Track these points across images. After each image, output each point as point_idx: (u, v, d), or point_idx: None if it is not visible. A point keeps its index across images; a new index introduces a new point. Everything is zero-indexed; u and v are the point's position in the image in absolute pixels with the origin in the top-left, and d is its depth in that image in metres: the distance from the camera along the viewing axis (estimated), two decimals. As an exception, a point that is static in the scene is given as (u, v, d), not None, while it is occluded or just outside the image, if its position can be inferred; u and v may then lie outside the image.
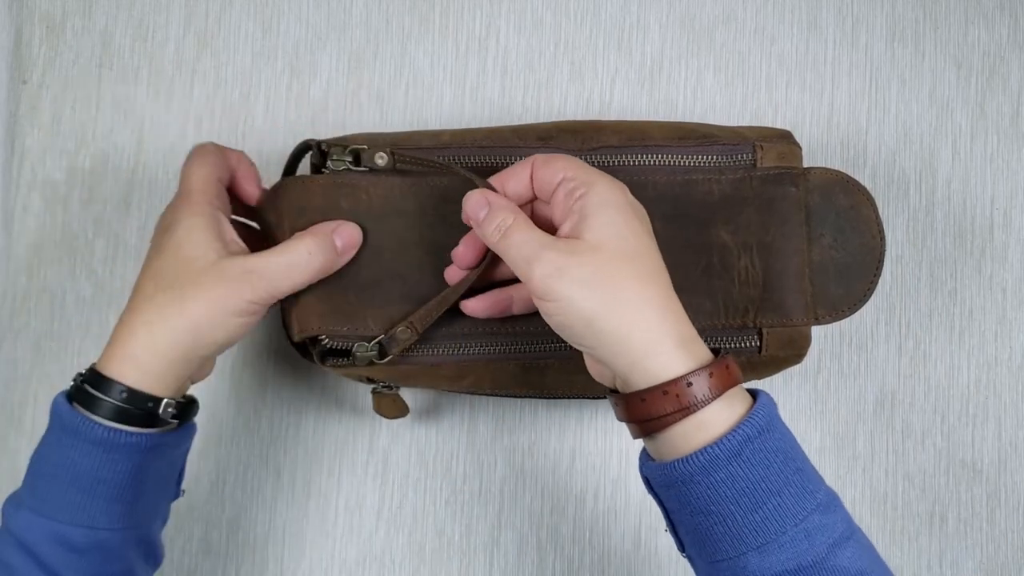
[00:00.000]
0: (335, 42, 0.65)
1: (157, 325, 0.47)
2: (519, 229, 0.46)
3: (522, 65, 0.65)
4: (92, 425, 0.46)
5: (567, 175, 0.46)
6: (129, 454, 0.46)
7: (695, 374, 0.43)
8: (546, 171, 0.47)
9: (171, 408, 0.48)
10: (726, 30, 0.66)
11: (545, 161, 0.48)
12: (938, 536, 0.64)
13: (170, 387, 0.48)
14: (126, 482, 0.46)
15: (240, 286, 0.47)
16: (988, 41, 0.66)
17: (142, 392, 0.46)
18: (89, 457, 0.46)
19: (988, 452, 0.65)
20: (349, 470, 0.64)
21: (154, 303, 0.47)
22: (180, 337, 0.47)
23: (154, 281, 0.48)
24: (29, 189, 0.64)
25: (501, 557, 0.63)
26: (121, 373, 0.46)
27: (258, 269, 0.48)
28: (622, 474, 0.64)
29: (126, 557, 0.48)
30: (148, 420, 0.47)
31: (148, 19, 0.65)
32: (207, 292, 0.47)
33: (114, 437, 0.46)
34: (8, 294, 0.64)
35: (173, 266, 0.47)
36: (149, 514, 0.49)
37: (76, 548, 0.46)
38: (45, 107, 0.64)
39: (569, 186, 0.46)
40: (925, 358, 0.65)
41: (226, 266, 0.48)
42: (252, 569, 0.63)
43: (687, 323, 0.45)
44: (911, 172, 0.65)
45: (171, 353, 0.47)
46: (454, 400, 0.64)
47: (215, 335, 0.48)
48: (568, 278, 0.43)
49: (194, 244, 0.48)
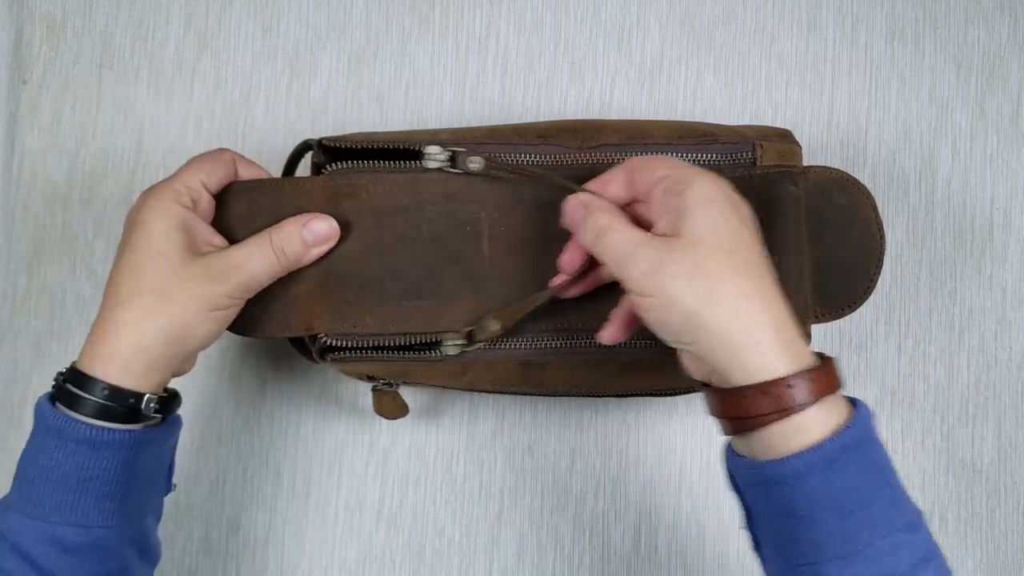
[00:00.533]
0: (335, 42, 0.65)
1: (143, 323, 0.47)
2: (615, 229, 0.46)
3: (522, 65, 0.65)
4: (76, 424, 0.46)
5: (666, 173, 0.46)
6: (115, 451, 0.47)
7: (797, 377, 0.42)
8: (644, 171, 0.47)
9: (154, 403, 0.48)
10: (726, 30, 0.66)
11: (643, 162, 0.48)
12: (938, 536, 0.64)
13: (152, 383, 0.48)
14: (115, 479, 0.47)
15: (221, 282, 0.48)
16: (988, 41, 0.66)
17: (124, 389, 0.47)
18: (75, 456, 0.46)
19: (988, 452, 0.65)
20: (349, 469, 0.64)
21: (138, 301, 0.47)
22: (166, 335, 0.47)
23: (134, 279, 0.48)
24: (29, 189, 0.64)
25: (501, 557, 0.63)
26: (104, 371, 0.47)
27: (238, 264, 0.49)
28: (622, 474, 0.64)
29: (121, 555, 0.48)
30: (131, 416, 0.47)
31: (148, 19, 0.65)
32: (192, 290, 0.48)
33: (99, 435, 0.46)
34: (8, 294, 0.64)
35: (153, 264, 0.48)
36: (141, 510, 0.49)
37: (70, 548, 0.46)
38: (45, 107, 0.64)
39: (668, 183, 0.46)
40: (925, 358, 0.65)
41: (208, 263, 0.48)
42: (252, 568, 0.63)
43: (789, 320, 0.44)
44: (911, 172, 0.65)
45: (156, 350, 0.47)
46: (454, 400, 0.64)
47: (199, 331, 0.48)
48: (666, 274, 0.43)
49: (172, 242, 0.48)
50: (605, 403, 0.64)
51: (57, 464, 0.46)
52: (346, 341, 0.52)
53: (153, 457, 0.50)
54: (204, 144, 0.64)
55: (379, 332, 0.53)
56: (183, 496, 0.63)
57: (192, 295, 0.48)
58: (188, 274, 0.48)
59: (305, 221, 0.51)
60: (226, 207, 0.53)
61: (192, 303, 0.48)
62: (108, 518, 0.47)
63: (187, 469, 0.63)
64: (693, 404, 0.64)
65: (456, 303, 0.53)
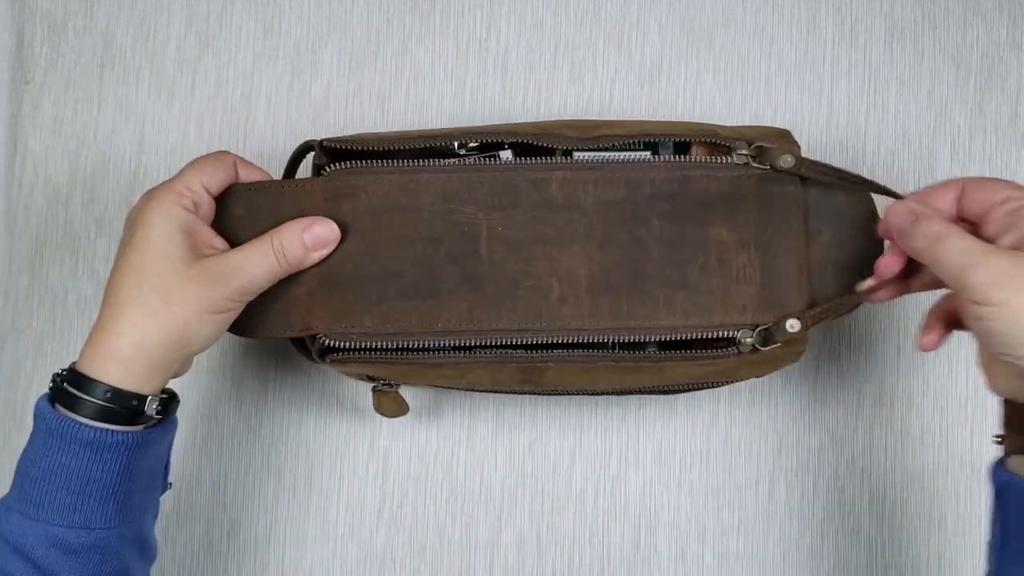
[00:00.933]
0: (336, 42, 0.65)
1: (145, 324, 0.47)
2: (956, 236, 0.46)
3: (522, 66, 0.65)
4: (79, 426, 0.46)
5: (1012, 194, 0.47)
6: (118, 453, 0.47)
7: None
8: (983, 190, 0.48)
9: (156, 405, 0.48)
10: (725, 31, 0.66)
11: (980, 181, 0.48)
12: (938, 536, 0.64)
13: (154, 385, 0.48)
14: (117, 480, 0.47)
15: (222, 285, 0.48)
16: (986, 41, 0.66)
17: (127, 391, 0.47)
18: (78, 458, 0.46)
19: (988, 452, 0.64)
20: (350, 470, 0.64)
21: (140, 301, 0.47)
22: (168, 337, 0.47)
23: (136, 279, 0.48)
24: (31, 189, 0.64)
25: (501, 556, 0.63)
26: (105, 373, 0.47)
27: (238, 267, 0.49)
28: (622, 474, 0.64)
29: (122, 555, 0.48)
30: (132, 418, 0.47)
31: (149, 19, 0.65)
32: (193, 292, 0.48)
33: (102, 437, 0.46)
34: (10, 294, 0.64)
35: (156, 265, 0.48)
36: (140, 509, 0.50)
37: (72, 550, 0.46)
38: (47, 108, 0.65)
39: (1014, 205, 0.46)
40: (925, 358, 0.65)
41: (208, 265, 0.49)
42: (253, 569, 0.63)
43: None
44: (910, 172, 0.65)
45: (158, 352, 0.47)
46: (454, 399, 0.64)
47: (199, 333, 0.49)
48: (1015, 286, 0.43)
49: (175, 243, 0.48)
50: (605, 403, 0.64)
51: (60, 466, 0.46)
52: (347, 342, 0.52)
53: (153, 457, 0.50)
54: (205, 144, 0.64)
55: (378, 332, 0.52)
56: (184, 496, 0.63)
57: (193, 297, 0.48)
58: (189, 276, 0.48)
59: (306, 225, 0.51)
60: (226, 209, 0.53)
61: (192, 305, 0.48)
62: (110, 519, 0.47)
63: (188, 469, 0.63)
64: (693, 404, 0.64)
65: (454, 303, 0.52)
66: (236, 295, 0.49)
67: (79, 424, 0.46)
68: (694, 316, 0.52)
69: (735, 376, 0.56)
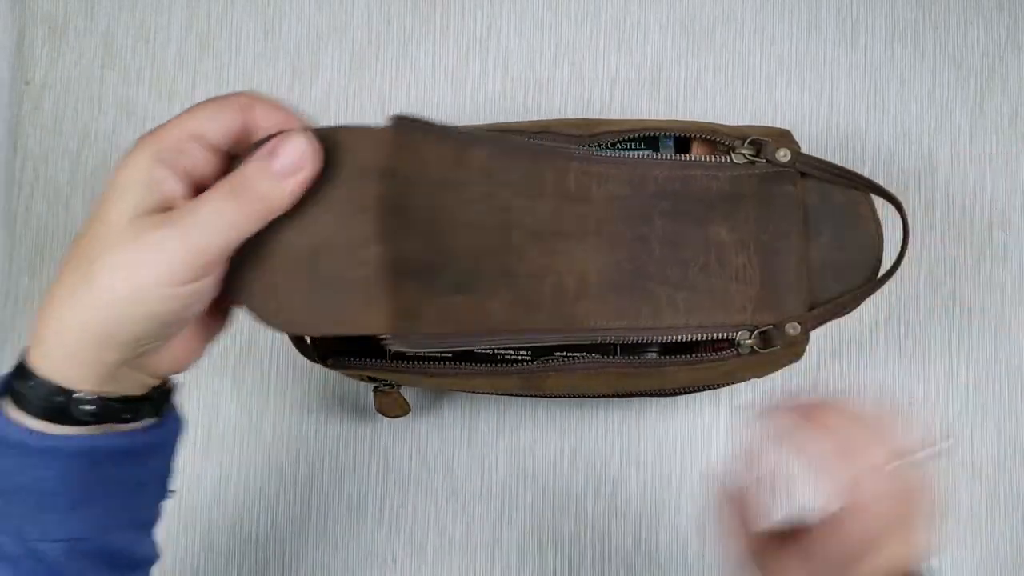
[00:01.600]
0: (336, 43, 0.65)
1: (66, 303, 0.37)
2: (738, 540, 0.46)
3: (523, 66, 0.65)
4: (8, 424, 0.38)
5: None
6: (47, 461, 0.38)
7: None
8: None
9: (87, 405, 0.38)
10: (726, 31, 0.66)
11: None
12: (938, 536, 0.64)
13: (88, 378, 0.38)
14: (55, 490, 0.38)
15: (160, 246, 0.36)
16: (987, 41, 0.66)
17: (53, 384, 0.37)
18: (6, 459, 0.38)
19: (988, 452, 0.65)
20: (350, 469, 0.64)
21: (63, 277, 0.37)
22: (91, 315, 0.36)
23: (74, 249, 0.38)
24: (32, 190, 0.64)
25: (502, 556, 0.64)
26: (33, 361, 0.38)
27: (190, 221, 0.36)
28: (622, 474, 0.64)
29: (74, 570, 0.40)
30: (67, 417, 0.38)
31: (150, 20, 0.65)
32: (119, 257, 0.36)
33: (33, 439, 0.38)
34: (11, 295, 0.64)
35: (90, 232, 0.37)
36: (106, 524, 0.41)
37: (7, 556, 0.39)
38: (48, 108, 0.65)
39: None
40: (925, 358, 0.65)
41: (142, 224, 0.36)
42: (254, 568, 0.63)
43: None
44: (910, 172, 0.65)
45: (82, 335, 0.37)
46: (455, 399, 0.64)
47: (141, 309, 0.36)
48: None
49: (124, 202, 0.36)
50: (605, 403, 0.64)
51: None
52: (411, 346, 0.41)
53: (123, 468, 0.41)
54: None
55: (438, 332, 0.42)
56: (186, 496, 0.63)
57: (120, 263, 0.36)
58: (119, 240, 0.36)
59: (271, 147, 0.38)
60: None
61: (122, 274, 0.36)
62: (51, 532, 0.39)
63: (189, 469, 0.63)
64: (693, 404, 0.64)
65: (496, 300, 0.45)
66: (193, 258, 0.36)
67: (9, 422, 0.38)
68: (695, 316, 0.51)
69: (735, 377, 0.56)
